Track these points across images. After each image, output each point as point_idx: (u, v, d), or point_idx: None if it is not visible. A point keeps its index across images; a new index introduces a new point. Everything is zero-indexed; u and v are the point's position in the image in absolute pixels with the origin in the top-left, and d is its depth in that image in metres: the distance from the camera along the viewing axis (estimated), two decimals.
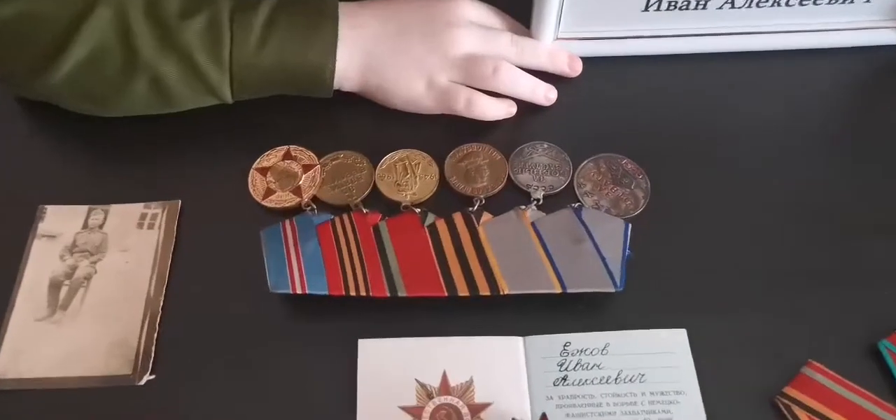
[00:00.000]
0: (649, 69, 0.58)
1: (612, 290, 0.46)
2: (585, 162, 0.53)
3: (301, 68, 0.51)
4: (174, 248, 0.50)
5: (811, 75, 0.58)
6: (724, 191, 0.52)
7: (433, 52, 0.53)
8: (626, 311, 0.47)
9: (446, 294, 0.46)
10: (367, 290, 0.46)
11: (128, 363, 0.45)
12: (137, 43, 0.49)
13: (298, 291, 0.46)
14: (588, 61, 0.57)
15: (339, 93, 0.54)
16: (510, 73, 0.54)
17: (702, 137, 0.55)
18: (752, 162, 0.53)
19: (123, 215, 0.51)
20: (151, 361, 0.45)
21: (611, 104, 0.57)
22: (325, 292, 0.46)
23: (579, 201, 0.51)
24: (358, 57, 0.53)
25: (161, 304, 0.47)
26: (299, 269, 0.47)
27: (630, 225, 0.48)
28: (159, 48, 0.49)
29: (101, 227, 0.51)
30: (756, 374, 0.44)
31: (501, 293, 0.46)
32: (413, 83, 0.54)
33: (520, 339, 0.45)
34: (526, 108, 0.56)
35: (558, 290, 0.46)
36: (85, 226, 0.51)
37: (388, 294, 0.46)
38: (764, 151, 0.54)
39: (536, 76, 0.56)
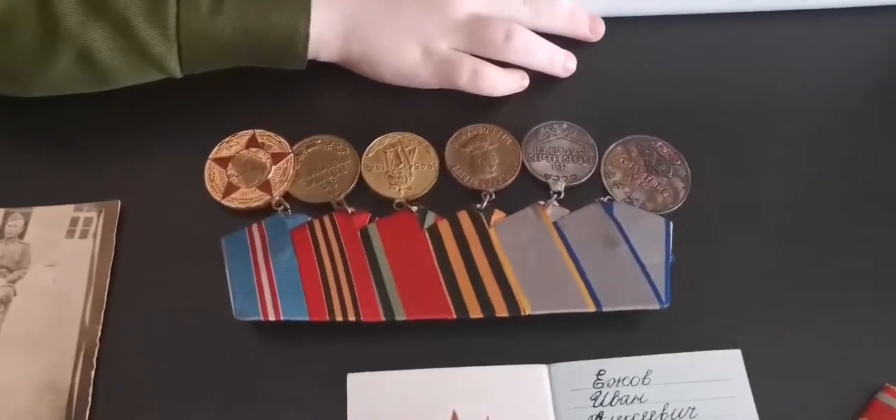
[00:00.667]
0: (687, 31, 0.50)
1: (657, 306, 0.38)
2: (613, 145, 0.44)
3: (266, 34, 0.42)
4: (113, 262, 0.41)
5: (874, 36, 0.50)
6: (781, 176, 0.44)
7: (431, 12, 0.45)
8: (670, 328, 0.39)
9: (455, 316, 0.38)
10: (356, 314, 0.38)
11: (58, 411, 0.37)
12: (58, 7, 0.40)
13: (271, 318, 0.37)
14: (612, 23, 0.49)
15: (315, 63, 0.46)
16: (524, 38, 0.45)
17: (751, 112, 0.47)
18: (816, 140, 0.46)
19: (49, 221, 0.42)
20: (88, 409, 0.37)
21: (641, 75, 0.48)
22: (305, 318, 0.38)
23: (609, 194, 0.43)
24: (338, 19, 0.44)
25: (98, 333, 0.38)
26: (271, 289, 0.38)
27: (671, 222, 0.40)
28: (86, 12, 0.41)
29: (20, 236, 0.41)
30: (824, 402, 0.38)
31: (523, 314, 0.38)
32: (406, 51, 0.45)
33: (544, 367, 0.38)
34: (540, 81, 0.47)
35: (592, 309, 0.38)
36: (0, 235, 0.41)
37: (383, 318, 0.38)
38: (827, 127, 0.46)
39: (552, 41, 0.47)
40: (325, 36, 0.44)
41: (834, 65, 0.49)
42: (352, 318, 0.38)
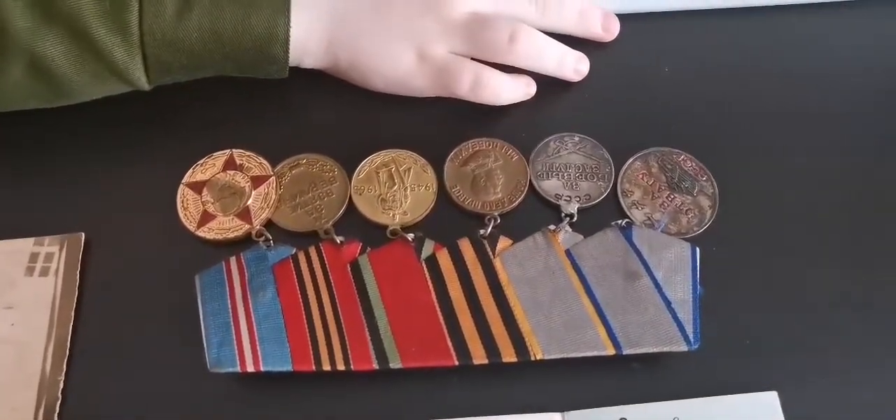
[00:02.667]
0: (712, 28, 0.45)
1: (685, 348, 0.34)
2: (631, 160, 0.40)
3: (241, 38, 0.38)
4: (77, 303, 0.37)
5: None
6: (821, 193, 0.40)
7: (427, 11, 0.40)
8: (698, 369, 0.35)
9: (456, 363, 0.34)
10: (346, 362, 0.34)
11: None
12: (3, 12, 0.36)
13: (250, 370, 0.33)
14: (628, 20, 0.45)
15: (298, 71, 0.41)
16: (532, 39, 0.41)
17: (786, 120, 0.42)
18: (861, 150, 0.41)
19: (6, 256, 0.38)
20: None
21: (662, 79, 0.44)
22: (289, 368, 0.33)
23: (627, 216, 0.38)
24: (322, 21, 0.40)
25: (61, 386, 0.34)
26: (250, 334, 0.34)
27: (698, 248, 0.36)
28: (37, 18, 0.36)
29: None
30: None
31: (533, 359, 0.34)
32: (399, 56, 0.41)
33: (558, 416, 0.34)
34: (548, 87, 0.43)
35: (611, 353, 0.34)
36: None
37: (376, 366, 0.34)
38: (874, 134, 0.42)
39: (561, 42, 0.43)
40: (307, 39, 0.40)
41: (878, 62, 0.44)
42: (340, 367, 0.34)
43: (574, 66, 0.42)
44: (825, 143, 0.41)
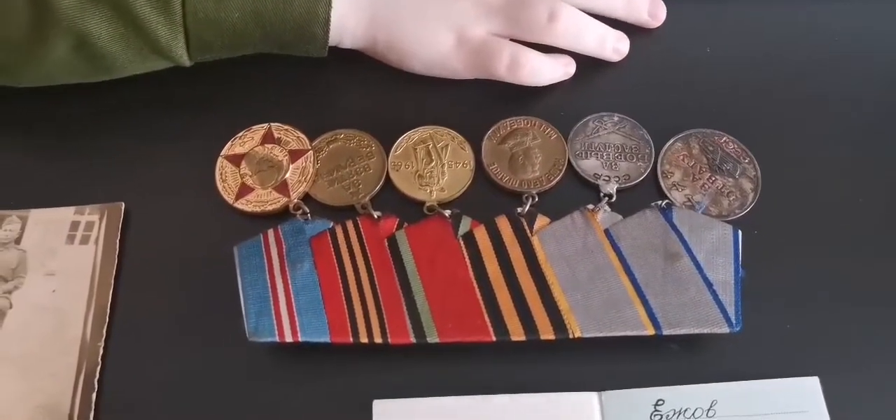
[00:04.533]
0: (756, 8, 0.44)
1: (726, 330, 0.33)
2: (672, 141, 0.40)
3: (282, 20, 0.38)
4: (117, 272, 0.37)
5: None
6: (867, 176, 0.39)
7: None
8: (737, 352, 0.35)
9: (494, 339, 0.34)
10: (383, 336, 0.34)
11: None
12: None
13: (288, 339, 0.33)
14: (670, 2, 0.44)
15: (337, 50, 0.41)
16: (572, 18, 0.40)
17: (832, 103, 0.41)
18: None
19: (48, 225, 0.38)
20: None
21: (704, 59, 0.43)
22: (326, 339, 0.34)
23: (666, 197, 0.38)
24: (362, 2, 0.40)
25: (100, 352, 0.35)
26: (288, 306, 0.34)
27: (740, 231, 0.36)
28: None
29: (16, 242, 0.38)
30: None
31: (571, 337, 0.33)
32: (438, 38, 0.40)
33: (594, 395, 0.34)
34: (588, 67, 0.42)
35: (651, 333, 0.33)
36: None
37: (414, 340, 0.34)
38: None
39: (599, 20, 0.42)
40: (347, 20, 0.40)
41: None
42: (378, 339, 0.33)
43: (614, 45, 0.42)
44: (870, 132, 0.40)
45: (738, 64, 0.43)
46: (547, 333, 0.34)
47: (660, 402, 0.34)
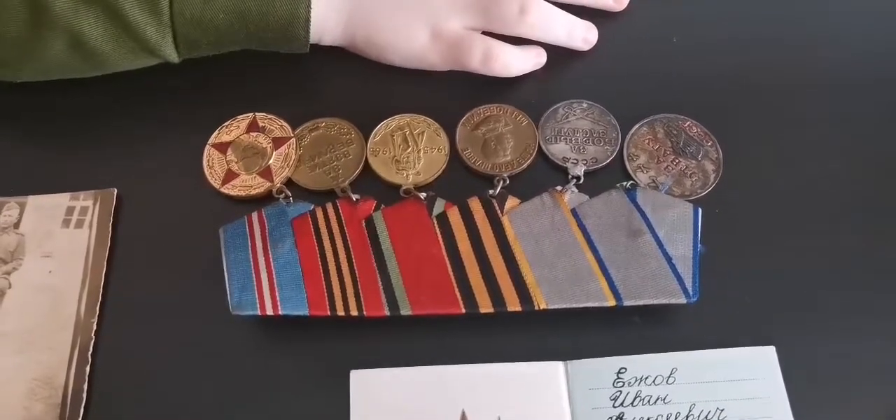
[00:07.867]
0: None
1: (684, 301, 0.35)
2: (638, 126, 0.41)
3: (265, 19, 0.40)
4: (110, 253, 0.39)
5: None
6: (823, 158, 0.41)
7: None
8: (697, 323, 0.36)
9: (463, 311, 0.35)
10: (359, 309, 0.35)
11: (53, 409, 0.35)
12: None
13: (269, 313, 0.35)
14: None
15: (319, 45, 0.43)
16: (542, 11, 0.42)
17: (791, 88, 0.43)
18: (862, 117, 0.42)
19: (44, 210, 0.40)
20: (82, 407, 0.35)
21: (669, 47, 0.45)
22: (305, 312, 0.35)
23: (632, 179, 0.39)
24: (340, 2, 0.42)
25: (94, 328, 0.37)
26: (270, 282, 0.36)
27: (700, 209, 0.37)
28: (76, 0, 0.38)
29: (15, 226, 0.40)
30: (866, 404, 0.35)
31: (537, 308, 0.35)
32: (413, 33, 0.42)
33: (560, 364, 0.35)
34: (558, 56, 0.44)
35: (612, 304, 0.35)
36: None
37: (388, 313, 0.35)
38: (876, 101, 0.42)
39: (569, 11, 0.44)
40: (326, 20, 0.42)
41: (882, 32, 0.45)
42: (354, 312, 0.35)
43: (583, 35, 0.44)
44: (828, 112, 0.42)
45: (702, 50, 0.45)
46: (514, 305, 0.35)
47: (622, 370, 0.35)
